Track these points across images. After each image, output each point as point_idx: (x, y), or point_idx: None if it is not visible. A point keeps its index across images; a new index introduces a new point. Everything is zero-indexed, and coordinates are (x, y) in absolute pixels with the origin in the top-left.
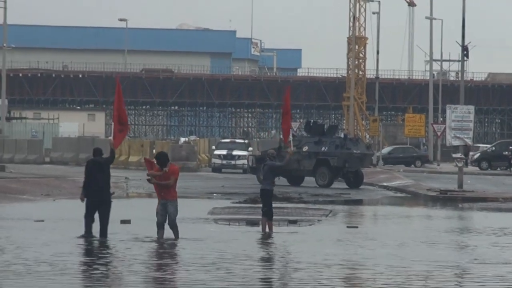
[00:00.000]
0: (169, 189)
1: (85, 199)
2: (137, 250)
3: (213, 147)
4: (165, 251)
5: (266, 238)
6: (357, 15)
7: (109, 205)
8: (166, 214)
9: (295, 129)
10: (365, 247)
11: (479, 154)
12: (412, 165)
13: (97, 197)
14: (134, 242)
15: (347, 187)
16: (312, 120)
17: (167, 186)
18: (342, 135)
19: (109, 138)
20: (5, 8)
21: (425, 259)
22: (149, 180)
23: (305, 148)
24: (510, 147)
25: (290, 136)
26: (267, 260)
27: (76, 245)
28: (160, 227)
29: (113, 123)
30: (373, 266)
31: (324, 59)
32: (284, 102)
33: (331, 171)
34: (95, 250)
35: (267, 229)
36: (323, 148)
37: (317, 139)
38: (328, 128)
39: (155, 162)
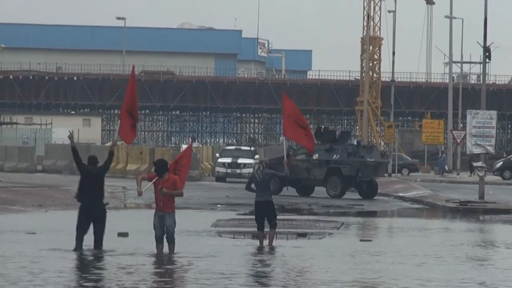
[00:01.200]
0: (170, 200)
1: (79, 207)
2: (128, 268)
3: (217, 154)
4: (160, 268)
5: (271, 251)
6: (372, 14)
7: (104, 215)
8: (164, 227)
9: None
10: (380, 263)
11: (501, 162)
12: (399, 174)
13: (90, 207)
14: (128, 256)
15: (360, 197)
16: (323, 126)
17: (180, 195)
18: (355, 142)
19: (113, 138)
20: None
21: (445, 278)
22: (160, 191)
23: (316, 156)
24: None
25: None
26: (271, 279)
27: (68, 260)
28: (159, 241)
29: (119, 120)
30: (390, 285)
31: (336, 61)
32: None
33: (343, 181)
34: (85, 268)
35: (265, 243)
36: (334, 156)
37: (328, 146)
38: (340, 134)
39: (153, 170)
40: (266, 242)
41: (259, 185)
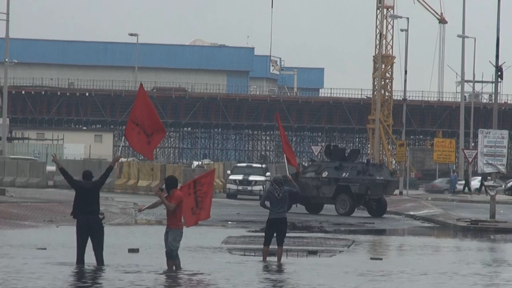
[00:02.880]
0: (172, 216)
1: (76, 224)
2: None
3: (228, 171)
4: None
5: (280, 268)
6: (384, 33)
7: (101, 230)
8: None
9: (316, 154)
10: (391, 281)
11: None
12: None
13: (85, 222)
14: (132, 273)
15: (369, 215)
16: (332, 144)
17: (167, 207)
18: (364, 160)
19: (117, 154)
20: (7, 20)
21: None
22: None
23: (325, 174)
24: None
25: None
26: None
27: (73, 276)
28: (167, 257)
29: (125, 137)
30: None
31: (348, 79)
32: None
33: (352, 199)
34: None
35: (269, 258)
36: (344, 174)
37: (338, 164)
38: (350, 152)
39: (164, 186)
40: (269, 258)
41: (278, 202)
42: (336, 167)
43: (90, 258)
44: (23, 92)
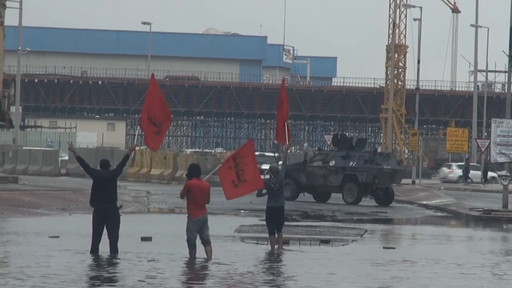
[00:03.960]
0: (187, 205)
1: (92, 212)
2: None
3: None
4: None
5: (279, 256)
6: (397, 22)
7: (117, 218)
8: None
9: (328, 143)
10: (404, 271)
11: None
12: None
13: (103, 211)
14: (145, 262)
15: (376, 204)
16: (340, 133)
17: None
18: (372, 150)
19: (132, 143)
20: (20, 9)
21: (465, 285)
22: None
23: (332, 163)
24: None
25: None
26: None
27: (85, 267)
28: (188, 245)
29: (140, 125)
30: None
31: (361, 68)
32: (280, 93)
33: (359, 188)
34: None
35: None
36: (351, 163)
37: (345, 153)
38: (357, 141)
39: (186, 174)
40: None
41: (275, 192)
42: (343, 156)
43: (103, 246)
44: (36, 80)
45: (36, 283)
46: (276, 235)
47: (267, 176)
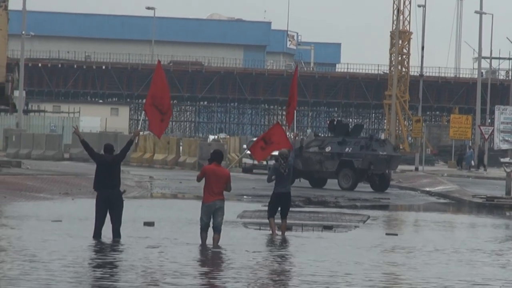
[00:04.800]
0: None
1: (96, 196)
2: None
3: (244, 146)
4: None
5: (281, 242)
6: (402, 8)
7: (121, 204)
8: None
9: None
10: (407, 257)
11: None
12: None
13: (106, 195)
14: (141, 245)
15: (372, 190)
16: (336, 119)
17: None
18: (368, 136)
19: (136, 128)
20: None
21: (468, 273)
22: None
23: (328, 149)
24: None
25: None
26: (302, 269)
27: (87, 250)
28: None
29: (145, 111)
30: (416, 279)
31: (365, 55)
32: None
33: (355, 173)
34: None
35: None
36: (347, 149)
37: (341, 139)
38: (353, 127)
39: (209, 160)
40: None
41: (284, 178)
42: (339, 142)
43: (105, 231)
44: (39, 64)
45: (37, 266)
46: (279, 221)
47: (272, 162)
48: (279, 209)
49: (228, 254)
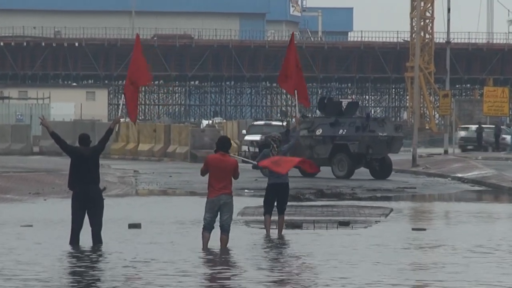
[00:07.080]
0: None
1: (71, 196)
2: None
3: (244, 131)
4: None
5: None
6: None
7: (101, 204)
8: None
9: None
10: (438, 256)
11: None
12: None
13: (83, 193)
14: (135, 253)
15: (372, 178)
16: (326, 97)
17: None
18: (365, 115)
19: (116, 115)
20: None
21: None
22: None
23: (319, 132)
24: None
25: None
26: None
27: (62, 259)
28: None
29: (124, 94)
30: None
31: (381, 20)
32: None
33: (351, 159)
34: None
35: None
36: (340, 131)
37: (333, 120)
38: (347, 106)
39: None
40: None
41: None
42: (331, 123)
43: (84, 235)
44: (1, 43)
45: (1, 283)
46: (276, 217)
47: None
48: (276, 203)
49: (234, 256)
